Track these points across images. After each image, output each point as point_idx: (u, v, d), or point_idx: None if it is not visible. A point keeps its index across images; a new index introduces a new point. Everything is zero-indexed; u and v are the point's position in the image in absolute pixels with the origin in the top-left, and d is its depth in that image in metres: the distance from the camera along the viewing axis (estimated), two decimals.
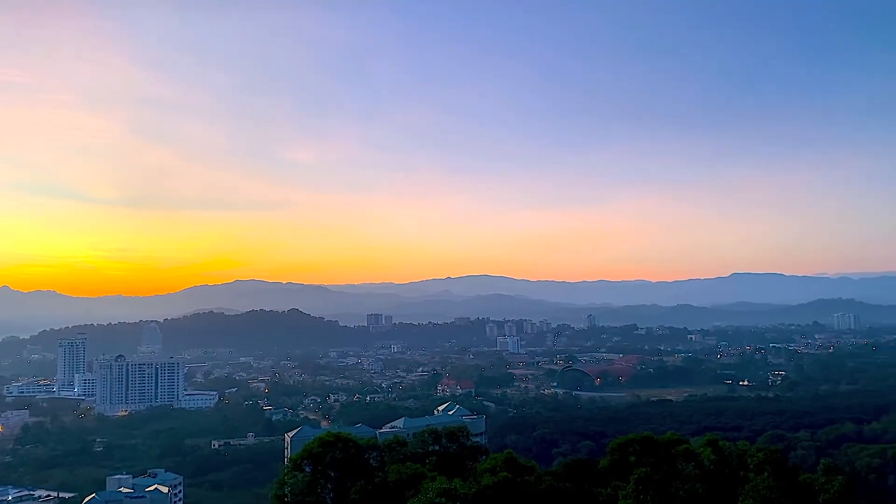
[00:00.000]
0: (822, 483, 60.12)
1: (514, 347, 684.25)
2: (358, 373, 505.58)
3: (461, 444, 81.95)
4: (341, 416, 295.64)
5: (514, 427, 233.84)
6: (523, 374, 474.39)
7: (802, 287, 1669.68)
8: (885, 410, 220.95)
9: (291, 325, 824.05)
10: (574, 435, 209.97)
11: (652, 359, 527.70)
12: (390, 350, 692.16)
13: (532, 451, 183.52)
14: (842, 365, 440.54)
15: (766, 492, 55.02)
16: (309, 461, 74.35)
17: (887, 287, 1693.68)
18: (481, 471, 68.25)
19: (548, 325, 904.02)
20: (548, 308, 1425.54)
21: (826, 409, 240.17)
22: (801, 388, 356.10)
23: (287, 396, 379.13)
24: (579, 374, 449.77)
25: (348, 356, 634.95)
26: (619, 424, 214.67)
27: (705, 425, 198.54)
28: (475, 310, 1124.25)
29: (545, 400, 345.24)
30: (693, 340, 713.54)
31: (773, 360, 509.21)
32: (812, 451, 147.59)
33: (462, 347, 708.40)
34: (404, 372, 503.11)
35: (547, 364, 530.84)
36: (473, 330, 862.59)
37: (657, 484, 57.82)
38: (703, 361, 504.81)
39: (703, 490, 61.57)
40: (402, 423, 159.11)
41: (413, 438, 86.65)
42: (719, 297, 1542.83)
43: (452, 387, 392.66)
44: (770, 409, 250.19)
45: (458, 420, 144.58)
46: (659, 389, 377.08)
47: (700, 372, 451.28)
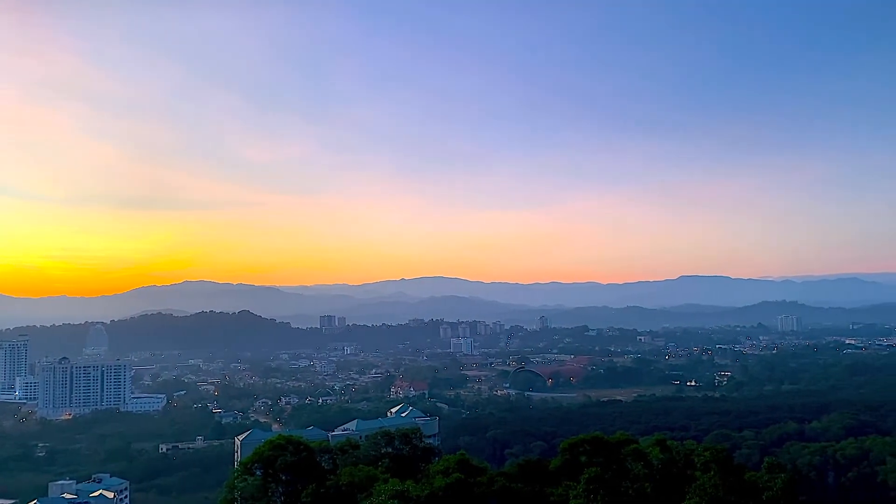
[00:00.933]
0: (765, 481, 61.65)
1: (467, 349, 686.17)
2: (310, 375, 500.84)
3: (414, 446, 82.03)
4: (293, 418, 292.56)
5: (467, 428, 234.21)
6: (477, 375, 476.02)
7: (748, 290, 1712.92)
8: (825, 410, 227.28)
9: (242, 327, 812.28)
10: (526, 436, 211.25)
11: (603, 360, 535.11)
12: (343, 352, 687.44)
13: (485, 452, 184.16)
14: (785, 365, 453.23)
15: (713, 490, 56.13)
16: (259, 465, 73.52)
17: (828, 290, 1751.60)
18: (434, 472, 68.28)
19: (501, 327, 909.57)
20: (501, 309, 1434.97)
21: (770, 408, 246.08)
22: (746, 388, 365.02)
23: (237, 399, 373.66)
24: (532, 374, 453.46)
25: (300, 358, 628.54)
26: (570, 425, 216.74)
27: (654, 425, 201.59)
28: (429, 311, 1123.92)
29: (498, 401, 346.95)
30: (642, 342, 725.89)
31: (720, 361, 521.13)
32: (756, 449, 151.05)
33: (416, 349, 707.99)
34: (357, 374, 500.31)
35: (500, 365, 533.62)
36: (427, 331, 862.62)
37: (607, 483, 58.57)
38: (652, 362, 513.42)
39: (652, 489, 62.59)
40: (355, 425, 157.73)
41: (366, 441, 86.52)
42: (668, 299, 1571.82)
43: (406, 388, 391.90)
44: (716, 408, 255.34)
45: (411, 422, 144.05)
46: (609, 390, 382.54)
47: (649, 372, 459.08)
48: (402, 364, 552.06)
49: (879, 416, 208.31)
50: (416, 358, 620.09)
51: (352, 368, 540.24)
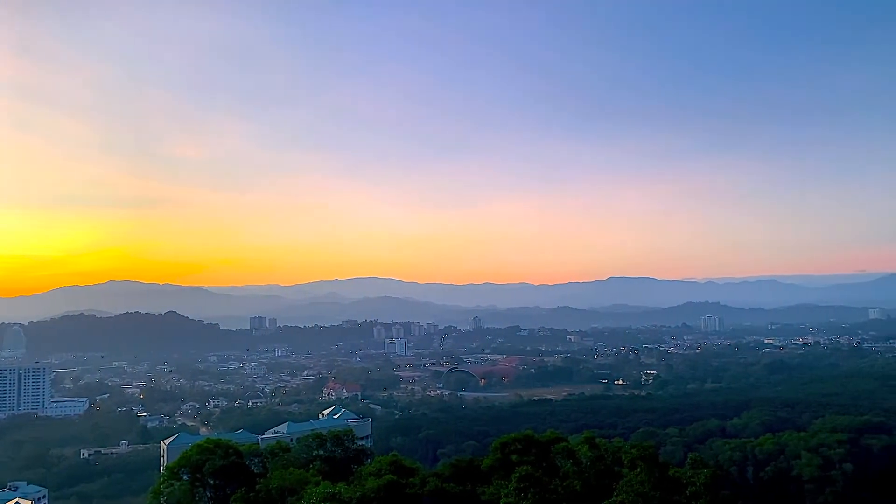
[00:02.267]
0: (689, 476, 63.56)
1: (401, 350, 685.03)
2: (239, 377, 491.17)
3: (346, 448, 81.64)
4: (221, 422, 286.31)
5: (400, 429, 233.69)
6: (410, 376, 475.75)
7: (673, 291, 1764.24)
8: (745, 407, 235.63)
9: (169, 329, 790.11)
10: (459, 435, 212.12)
11: (534, 359, 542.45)
12: (274, 354, 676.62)
13: (418, 453, 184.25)
14: (707, 364, 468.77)
15: (639, 486, 57.53)
16: (187, 469, 71.98)
17: (748, 291, 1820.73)
18: (366, 474, 68.08)
19: (435, 327, 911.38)
20: (435, 310, 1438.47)
21: (693, 406, 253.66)
22: (671, 386, 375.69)
23: (163, 402, 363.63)
24: (465, 375, 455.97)
25: (229, 360, 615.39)
26: (502, 424, 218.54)
27: (583, 423, 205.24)
28: (363, 312, 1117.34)
29: (431, 401, 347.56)
30: (572, 341, 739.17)
31: (646, 360, 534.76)
32: (681, 446, 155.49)
33: (349, 350, 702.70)
34: (288, 376, 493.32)
35: (433, 366, 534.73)
36: (361, 332, 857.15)
37: (538, 481, 59.39)
38: (582, 361, 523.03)
39: (581, 486, 63.82)
40: (286, 428, 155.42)
41: (297, 443, 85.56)
42: (597, 299, 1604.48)
43: (338, 390, 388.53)
44: (643, 406, 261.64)
45: (344, 424, 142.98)
46: (540, 389, 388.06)
47: (578, 372, 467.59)
48: (335, 366, 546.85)
49: (795, 413, 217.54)
50: (349, 359, 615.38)
51: (283, 370, 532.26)
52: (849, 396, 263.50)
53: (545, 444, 75.70)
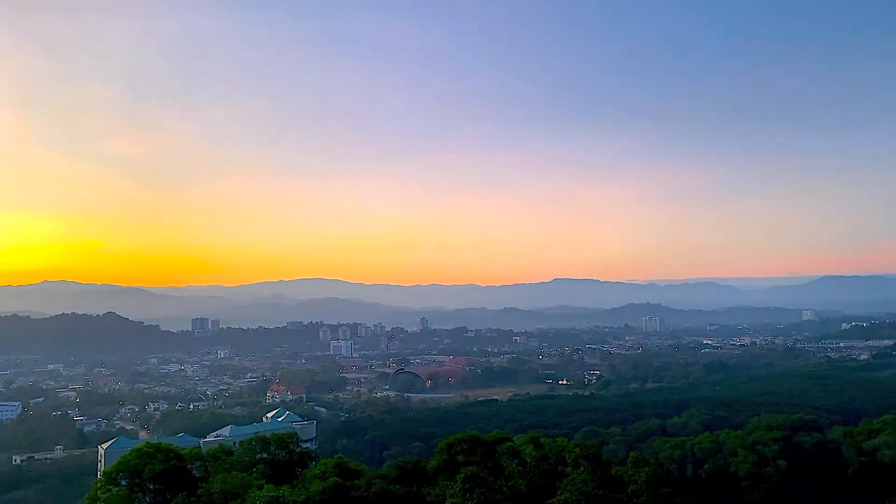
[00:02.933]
0: (631, 475, 64.89)
1: (347, 351, 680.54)
2: (181, 380, 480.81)
3: (291, 451, 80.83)
4: (162, 425, 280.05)
5: (345, 431, 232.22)
6: (356, 377, 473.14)
7: (616, 292, 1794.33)
8: (684, 406, 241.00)
9: (107, 330, 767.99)
10: (405, 437, 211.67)
11: (480, 360, 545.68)
12: (217, 356, 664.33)
13: (363, 455, 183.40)
14: (649, 364, 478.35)
15: (582, 485, 58.43)
16: (125, 474, 70.41)
17: (688, 293, 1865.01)
18: (311, 477, 67.59)
19: (382, 329, 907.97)
20: (382, 311, 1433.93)
21: (635, 405, 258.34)
22: (613, 386, 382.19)
23: (101, 406, 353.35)
24: (411, 376, 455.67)
25: (170, 363, 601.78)
26: (448, 425, 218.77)
27: (528, 423, 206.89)
28: (309, 313, 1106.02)
29: (377, 403, 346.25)
30: (518, 342, 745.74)
31: (590, 361, 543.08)
32: (623, 445, 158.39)
33: (294, 352, 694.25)
34: (231, 378, 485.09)
35: (380, 367, 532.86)
36: (306, 334, 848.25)
37: (483, 482, 59.82)
38: (527, 362, 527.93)
39: (526, 485, 64.52)
40: (229, 431, 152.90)
41: (240, 447, 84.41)
42: (542, 300, 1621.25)
43: (283, 392, 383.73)
44: (586, 406, 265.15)
45: (288, 426, 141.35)
46: (486, 389, 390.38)
47: (524, 372, 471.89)
48: (280, 368, 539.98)
49: (732, 412, 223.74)
50: (294, 361, 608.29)
51: (226, 373, 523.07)
52: (783, 395, 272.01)
53: (490, 444, 76.35)
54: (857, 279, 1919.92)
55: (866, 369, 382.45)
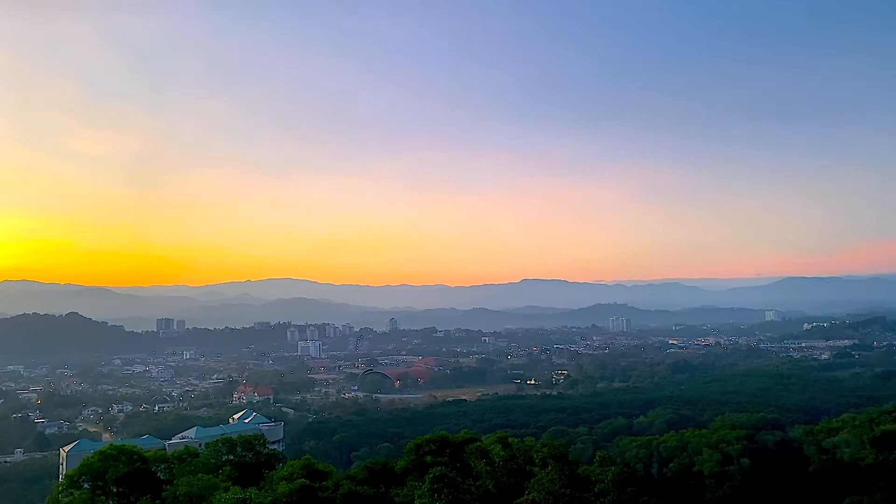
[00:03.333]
0: (597, 474, 65.57)
1: (315, 352, 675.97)
2: (145, 381, 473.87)
3: (258, 453, 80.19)
4: (126, 427, 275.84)
5: (313, 433, 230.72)
6: (324, 378, 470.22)
7: (583, 293, 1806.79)
8: (650, 405, 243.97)
9: (70, 331, 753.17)
10: (373, 437, 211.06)
11: (449, 360, 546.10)
12: (182, 357, 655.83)
13: (331, 456, 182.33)
14: (616, 364, 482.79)
15: (550, 484, 58.89)
16: (88, 477, 69.28)
17: (654, 294, 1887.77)
18: (278, 478, 67.17)
19: (351, 329, 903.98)
20: (351, 312, 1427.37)
21: (602, 405, 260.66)
22: (580, 385, 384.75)
23: (63, 408, 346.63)
24: (380, 376, 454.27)
25: (135, 364, 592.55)
26: (416, 425, 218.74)
27: (496, 423, 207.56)
28: (276, 314, 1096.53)
29: (345, 404, 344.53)
30: (487, 342, 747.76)
31: (557, 361, 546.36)
32: (590, 444, 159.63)
33: (261, 353, 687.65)
34: (197, 379, 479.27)
35: (349, 368, 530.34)
36: (274, 335, 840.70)
37: (451, 482, 59.93)
38: (496, 362, 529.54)
39: (494, 485, 64.81)
40: (194, 432, 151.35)
41: (206, 448, 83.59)
42: (511, 301, 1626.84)
43: (250, 394, 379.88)
44: (554, 406, 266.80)
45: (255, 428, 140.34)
46: (455, 390, 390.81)
47: (492, 372, 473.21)
48: (247, 369, 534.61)
49: (697, 411, 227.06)
50: (261, 362, 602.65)
51: (192, 374, 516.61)
52: (746, 394, 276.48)
53: (459, 444, 76.50)
54: (819, 281, 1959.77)
55: (827, 369, 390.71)
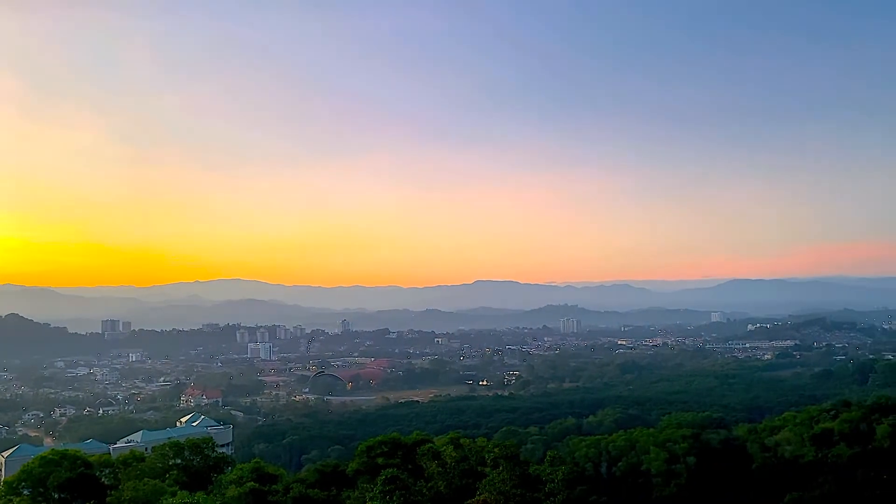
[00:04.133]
0: (548, 473, 66.38)
1: (265, 354, 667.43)
2: (90, 384, 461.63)
3: (206, 456, 79.24)
4: (69, 431, 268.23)
5: (263, 435, 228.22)
6: (275, 381, 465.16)
7: (535, 294, 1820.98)
8: (600, 405, 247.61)
9: (10, 332, 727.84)
10: (324, 440, 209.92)
11: (402, 362, 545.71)
12: (128, 359, 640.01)
13: (281, 459, 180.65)
14: (566, 364, 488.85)
15: (501, 484, 59.35)
16: (28, 483, 67.47)
17: (604, 295, 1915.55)
18: (227, 482, 66.39)
19: (302, 331, 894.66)
20: (303, 313, 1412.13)
21: (553, 405, 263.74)
22: (532, 386, 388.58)
23: (2, 412, 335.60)
24: (331, 378, 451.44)
25: (78, 366, 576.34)
26: (368, 427, 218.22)
27: (448, 424, 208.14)
28: (226, 316, 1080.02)
29: (296, 406, 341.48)
30: (440, 343, 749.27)
31: (509, 361, 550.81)
32: (541, 444, 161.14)
33: (210, 355, 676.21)
34: (144, 382, 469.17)
35: (300, 370, 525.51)
36: (223, 337, 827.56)
37: (403, 484, 59.94)
38: (448, 363, 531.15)
39: (446, 486, 65.04)
40: (140, 436, 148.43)
41: (152, 452, 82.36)
42: (464, 302, 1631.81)
43: (198, 397, 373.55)
44: (505, 406, 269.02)
45: (203, 431, 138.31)
46: (407, 391, 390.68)
47: (445, 373, 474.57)
48: (195, 371, 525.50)
49: (645, 410, 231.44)
50: (209, 364, 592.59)
51: (138, 376, 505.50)
52: (693, 394, 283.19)
53: (411, 446, 76.59)
54: (762, 283, 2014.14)
55: (769, 369, 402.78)
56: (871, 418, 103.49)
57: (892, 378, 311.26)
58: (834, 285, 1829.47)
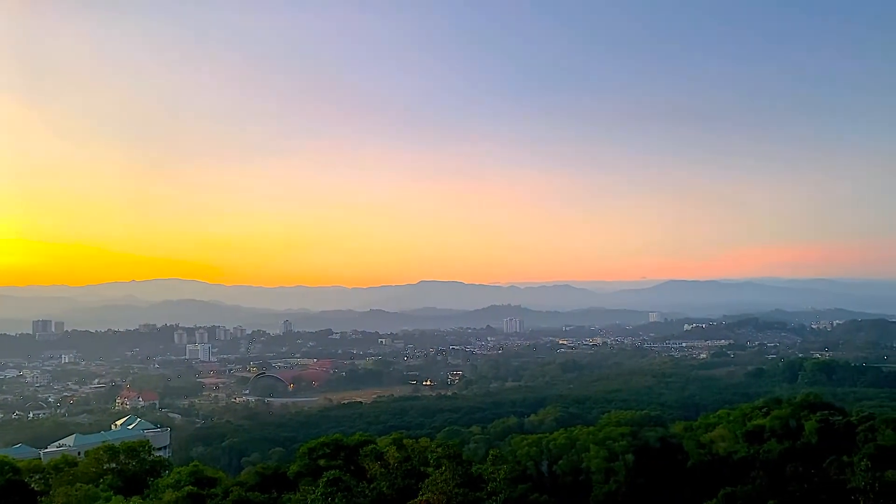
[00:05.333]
0: (490, 472, 66.97)
1: (204, 355, 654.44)
2: (19, 387, 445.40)
3: (142, 460, 77.62)
4: None
5: (201, 438, 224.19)
6: (214, 382, 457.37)
7: (479, 294, 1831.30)
8: (541, 404, 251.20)
9: None
10: (265, 442, 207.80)
11: (345, 362, 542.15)
12: (61, 360, 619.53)
13: (221, 462, 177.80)
14: (509, 364, 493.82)
15: (444, 484, 59.58)
16: None
17: (546, 295, 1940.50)
18: (163, 486, 65.16)
19: (242, 332, 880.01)
20: (244, 314, 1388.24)
21: (495, 404, 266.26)
22: (475, 385, 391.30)
23: None
24: (273, 380, 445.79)
25: (7, 368, 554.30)
26: (310, 429, 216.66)
27: (391, 425, 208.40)
28: (163, 316, 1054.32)
29: (236, 408, 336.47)
30: (384, 344, 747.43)
31: (453, 361, 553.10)
32: (483, 443, 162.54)
33: (147, 356, 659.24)
34: (77, 384, 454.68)
35: (240, 371, 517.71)
36: (160, 337, 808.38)
37: (345, 485, 59.69)
38: (392, 364, 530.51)
39: (388, 487, 65.01)
40: (73, 440, 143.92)
41: (85, 457, 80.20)
42: (408, 302, 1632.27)
43: (134, 399, 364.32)
44: (449, 406, 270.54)
45: (139, 434, 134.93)
46: (351, 392, 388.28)
47: (389, 374, 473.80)
48: (131, 373, 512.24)
49: (585, 409, 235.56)
50: (146, 366, 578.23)
51: (70, 378, 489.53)
52: (631, 392, 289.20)
53: (353, 447, 76.33)
54: (699, 283, 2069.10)
55: (705, 367, 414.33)
56: (799, 415, 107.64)
57: (819, 376, 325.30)
58: (765, 287, 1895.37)
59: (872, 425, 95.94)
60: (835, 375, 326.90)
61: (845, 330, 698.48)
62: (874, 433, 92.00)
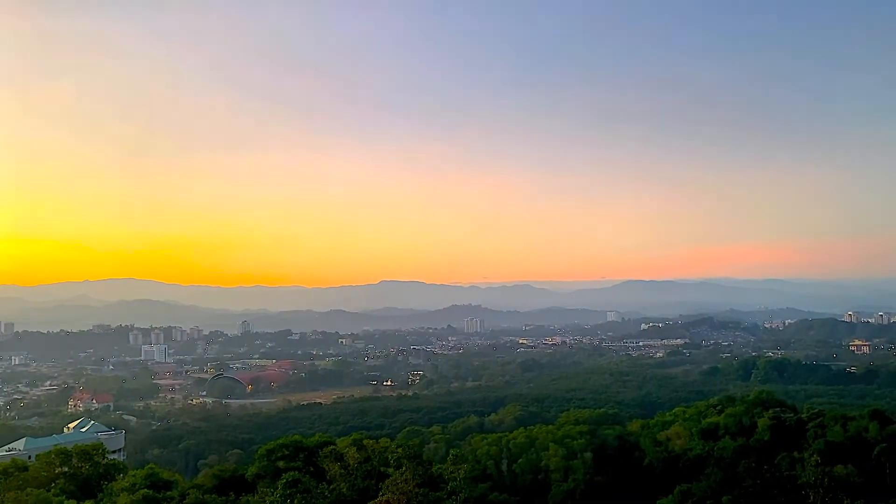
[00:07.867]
0: (450, 472, 67.21)
1: (160, 356, 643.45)
2: None
3: (95, 463, 76.22)
4: None
5: (157, 441, 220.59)
6: (170, 384, 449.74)
7: (440, 294, 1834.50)
8: (501, 403, 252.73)
9: None
10: (222, 444, 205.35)
11: (304, 363, 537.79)
12: (10, 362, 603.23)
13: (177, 465, 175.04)
14: (469, 364, 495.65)
15: (404, 484, 59.63)
16: None
17: (507, 295, 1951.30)
18: (118, 490, 64.16)
19: (199, 333, 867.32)
20: (201, 314, 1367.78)
21: (455, 404, 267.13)
22: (436, 385, 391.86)
23: None
24: (230, 381, 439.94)
25: None
26: (269, 430, 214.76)
27: (351, 425, 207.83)
28: (118, 317, 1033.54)
29: (193, 410, 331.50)
30: (344, 344, 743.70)
31: (414, 361, 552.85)
32: (443, 443, 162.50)
33: (101, 358, 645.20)
34: (28, 387, 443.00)
35: (197, 373, 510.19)
36: (115, 338, 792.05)
37: (304, 487, 59.39)
38: (353, 364, 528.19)
39: (349, 488, 64.83)
40: (23, 444, 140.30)
41: (37, 461, 78.51)
42: (369, 302, 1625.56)
43: (87, 401, 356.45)
44: (409, 406, 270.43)
45: (93, 437, 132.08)
46: (310, 393, 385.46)
47: (349, 374, 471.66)
48: (84, 374, 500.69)
49: (544, 408, 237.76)
50: (100, 368, 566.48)
51: (21, 380, 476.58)
52: (589, 391, 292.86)
53: (313, 448, 75.94)
54: (656, 284, 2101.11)
55: (661, 366, 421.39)
56: (753, 413, 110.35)
57: (772, 374, 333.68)
58: (720, 287, 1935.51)
59: (822, 422, 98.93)
60: (786, 373, 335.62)
61: (797, 329, 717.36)
62: (824, 430, 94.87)
